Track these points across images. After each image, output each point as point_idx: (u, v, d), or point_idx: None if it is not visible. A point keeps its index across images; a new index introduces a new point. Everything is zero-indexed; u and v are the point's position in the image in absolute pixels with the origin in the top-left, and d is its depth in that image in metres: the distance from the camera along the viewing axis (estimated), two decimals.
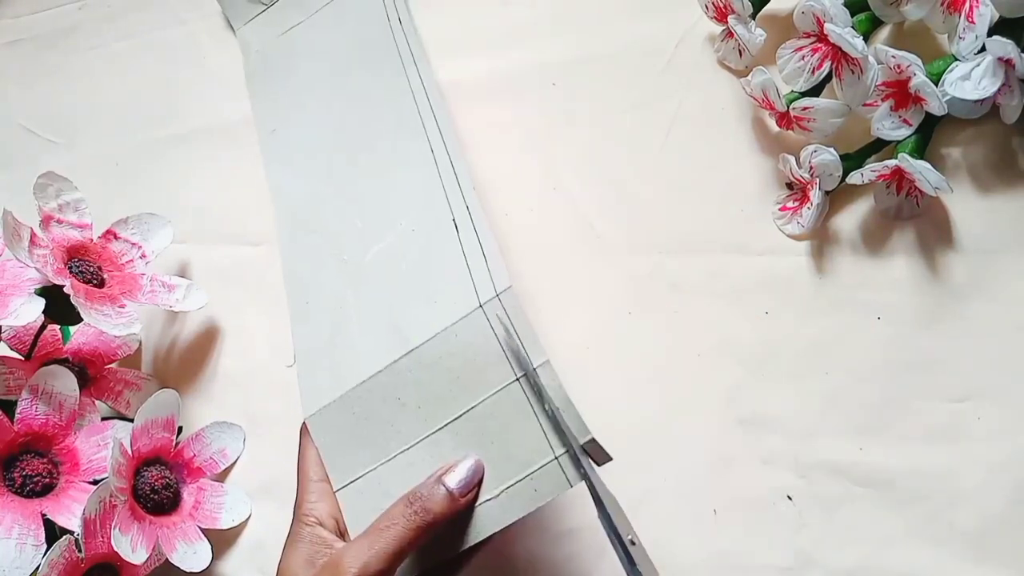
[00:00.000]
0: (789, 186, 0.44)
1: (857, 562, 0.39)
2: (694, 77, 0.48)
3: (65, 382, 0.44)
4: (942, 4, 0.40)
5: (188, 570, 0.42)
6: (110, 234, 0.49)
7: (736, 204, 0.45)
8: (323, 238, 0.46)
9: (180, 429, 0.48)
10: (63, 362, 0.47)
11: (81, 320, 0.43)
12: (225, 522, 0.46)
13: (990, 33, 0.38)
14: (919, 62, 0.38)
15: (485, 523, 0.34)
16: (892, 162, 0.39)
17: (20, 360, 0.47)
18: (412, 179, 0.43)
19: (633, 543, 0.32)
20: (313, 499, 0.37)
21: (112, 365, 0.50)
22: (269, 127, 0.52)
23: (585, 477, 0.33)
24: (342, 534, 0.37)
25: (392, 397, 0.38)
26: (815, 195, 0.41)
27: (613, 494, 0.33)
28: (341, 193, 0.46)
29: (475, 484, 0.34)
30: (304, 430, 0.40)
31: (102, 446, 0.45)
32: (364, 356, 0.39)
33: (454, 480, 0.34)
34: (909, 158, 0.38)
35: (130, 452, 0.43)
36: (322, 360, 0.42)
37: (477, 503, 0.35)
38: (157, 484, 0.44)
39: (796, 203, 0.43)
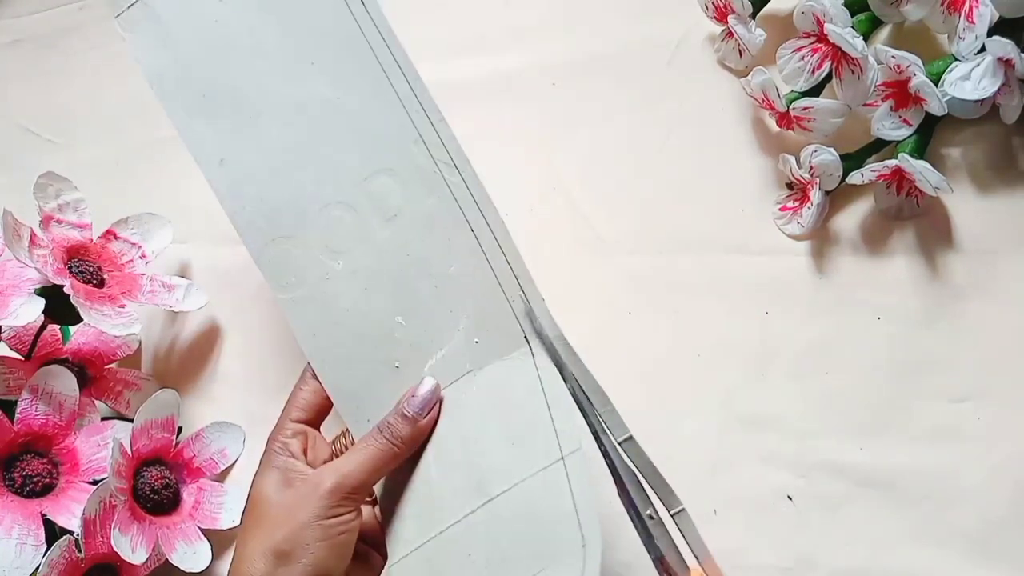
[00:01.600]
0: (789, 186, 0.44)
1: (857, 562, 0.39)
2: (694, 77, 0.48)
3: (65, 382, 0.44)
4: (942, 4, 0.40)
5: (188, 570, 0.42)
6: (110, 234, 0.49)
7: (736, 204, 0.45)
8: (357, 337, 0.38)
9: (180, 429, 0.48)
10: (63, 362, 0.47)
11: (81, 320, 0.43)
12: (225, 522, 0.46)
13: (990, 33, 0.38)
14: (919, 62, 0.38)
15: None
16: (892, 162, 0.39)
17: (20, 360, 0.47)
18: (461, 269, 0.37)
19: (652, 517, 0.33)
20: (288, 435, 0.37)
21: (112, 365, 0.50)
22: (213, 155, 0.39)
23: (605, 455, 0.33)
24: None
25: (463, 553, 0.35)
26: (815, 195, 0.41)
27: (633, 469, 0.33)
28: (359, 271, 0.38)
29: (433, 404, 0.36)
30: (308, 371, 0.39)
31: (102, 446, 0.45)
32: (441, 499, 0.36)
33: (413, 406, 0.36)
34: (909, 158, 0.38)
35: (130, 452, 0.43)
36: (402, 504, 0.37)
37: None
38: (157, 484, 0.44)
39: (796, 203, 0.43)
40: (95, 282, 0.46)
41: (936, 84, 0.38)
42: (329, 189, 0.38)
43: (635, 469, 0.34)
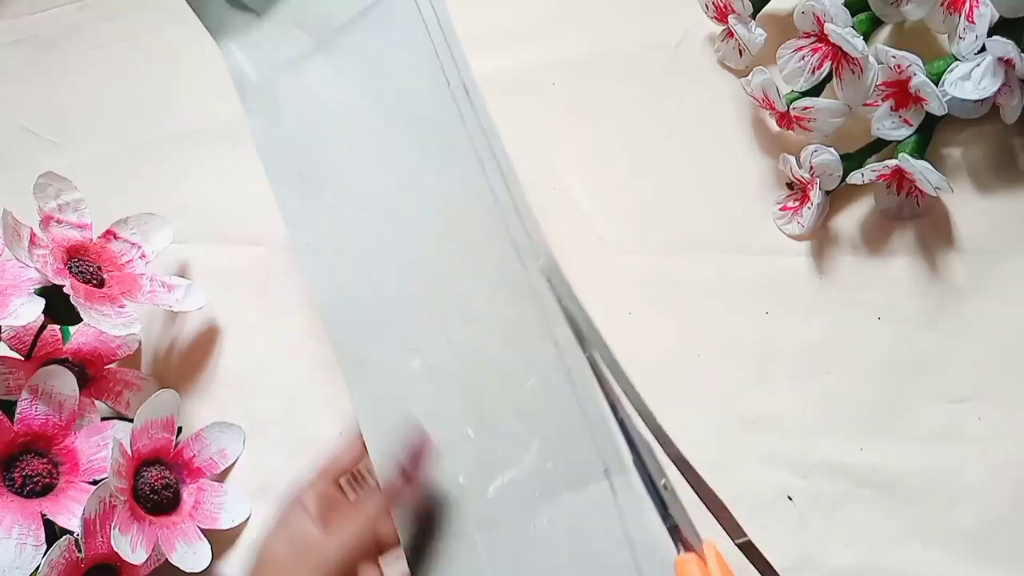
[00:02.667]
0: (789, 186, 0.44)
1: (857, 562, 0.39)
2: (694, 77, 0.48)
3: (65, 382, 0.44)
4: (942, 4, 0.40)
5: (188, 570, 0.42)
6: (110, 234, 0.49)
7: (736, 204, 0.45)
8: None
9: (180, 429, 0.48)
10: (63, 362, 0.47)
11: (81, 320, 0.43)
12: (225, 522, 0.46)
13: (990, 33, 0.38)
14: (919, 62, 0.38)
15: None
16: (892, 162, 0.39)
17: (20, 360, 0.47)
18: (540, 384, 0.34)
19: (666, 488, 0.33)
20: (310, 493, 0.37)
21: (112, 365, 0.50)
22: (302, 238, 0.38)
23: (622, 424, 0.33)
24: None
25: None
26: (815, 195, 0.41)
27: (649, 440, 0.33)
28: (434, 371, 0.36)
29: (423, 452, 0.35)
30: (351, 439, 0.38)
31: (102, 446, 0.45)
32: None
33: (404, 455, 0.35)
34: (909, 158, 0.38)
35: (130, 452, 0.43)
36: None
37: None
38: (157, 484, 0.44)
39: (796, 203, 0.43)
40: (95, 282, 0.46)
41: (936, 84, 0.38)
42: (414, 285, 0.37)
43: (651, 440, 0.33)
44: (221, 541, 0.46)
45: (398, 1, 0.38)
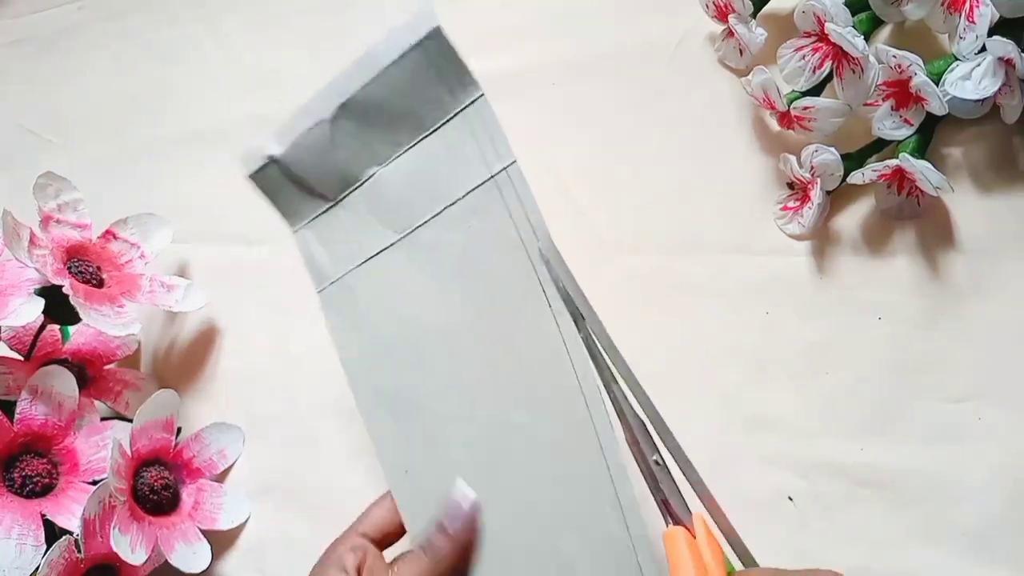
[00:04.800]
0: (790, 186, 0.44)
1: (857, 562, 0.39)
2: (695, 77, 0.48)
3: (64, 382, 0.44)
4: (943, 4, 0.39)
5: (187, 571, 0.42)
6: (109, 234, 0.49)
7: (736, 204, 0.45)
8: None
9: (179, 430, 0.48)
10: (62, 362, 0.47)
11: (80, 320, 0.43)
12: (224, 523, 0.46)
13: (990, 33, 0.38)
14: (920, 62, 0.38)
15: None
16: (893, 162, 0.39)
17: (20, 360, 0.47)
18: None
19: (657, 463, 0.33)
20: (347, 548, 0.36)
21: (111, 365, 0.50)
22: (399, 465, 0.36)
23: (615, 402, 0.33)
24: None
25: None
26: (816, 195, 0.41)
27: (642, 416, 0.33)
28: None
29: (474, 517, 0.34)
30: (385, 498, 0.38)
31: (101, 446, 0.45)
32: None
33: (454, 521, 0.34)
34: (910, 158, 0.38)
35: (129, 453, 0.43)
36: None
37: None
38: (156, 485, 0.44)
39: (797, 203, 0.43)
40: (94, 282, 0.46)
41: (937, 84, 0.38)
42: (520, 537, 0.34)
43: (643, 417, 0.33)
44: (221, 541, 0.46)
45: (483, 195, 0.35)
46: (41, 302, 0.42)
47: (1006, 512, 0.38)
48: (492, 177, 0.35)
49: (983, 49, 0.38)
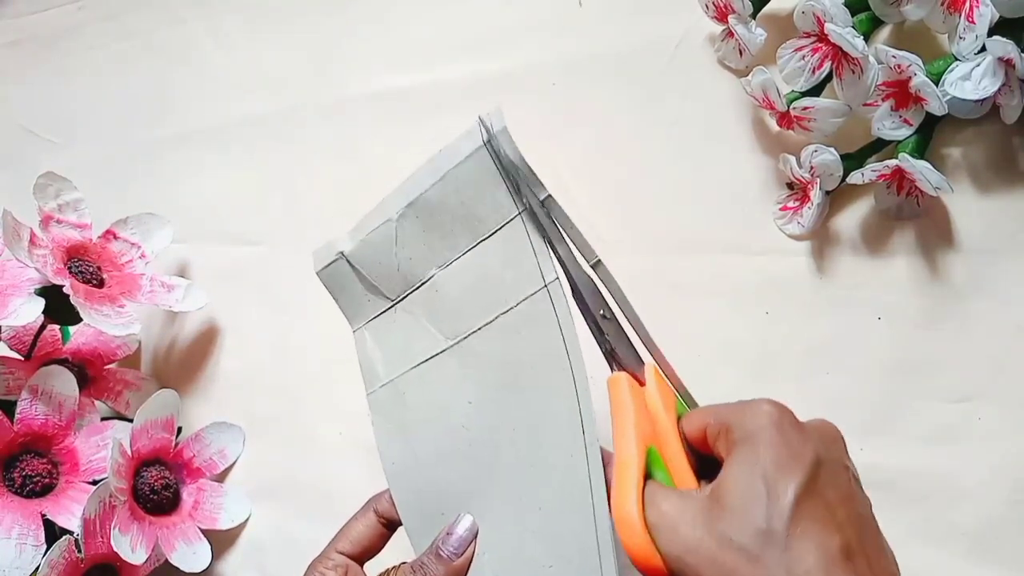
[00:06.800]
0: (789, 186, 0.44)
1: None
2: (694, 77, 0.48)
3: (65, 382, 0.44)
4: (942, 4, 0.39)
5: (188, 570, 0.42)
6: (110, 234, 0.49)
7: (736, 204, 0.45)
8: None
9: (180, 429, 0.48)
10: (63, 362, 0.47)
11: (81, 320, 0.43)
12: (224, 522, 0.46)
13: (990, 33, 0.38)
14: (919, 62, 0.38)
15: None
16: (893, 162, 0.39)
17: (20, 360, 0.47)
18: None
19: (604, 317, 0.33)
20: (329, 565, 0.36)
21: (111, 365, 0.50)
22: (424, 539, 0.37)
23: (562, 263, 0.33)
24: None
25: None
26: (815, 195, 0.41)
27: (589, 272, 0.33)
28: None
29: (469, 543, 0.35)
30: (368, 506, 0.38)
31: (102, 446, 0.45)
32: None
33: (449, 545, 0.35)
34: (910, 158, 0.38)
35: (129, 452, 0.43)
36: None
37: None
38: (157, 484, 0.44)
39: (796, 203, 0.43)
40: (95, 282, 0.46)
41: (936, 84, 0.38)
42: None
43: (591, 273, 0.34)
44: (221, 541, 0.46)
45: (535, 305, 0.35)
46: (41, 302, 0.42)
47: (1006, 512, 0.38)
48: (545, 286, 0.35)
49: (983, 49, 0.38)
